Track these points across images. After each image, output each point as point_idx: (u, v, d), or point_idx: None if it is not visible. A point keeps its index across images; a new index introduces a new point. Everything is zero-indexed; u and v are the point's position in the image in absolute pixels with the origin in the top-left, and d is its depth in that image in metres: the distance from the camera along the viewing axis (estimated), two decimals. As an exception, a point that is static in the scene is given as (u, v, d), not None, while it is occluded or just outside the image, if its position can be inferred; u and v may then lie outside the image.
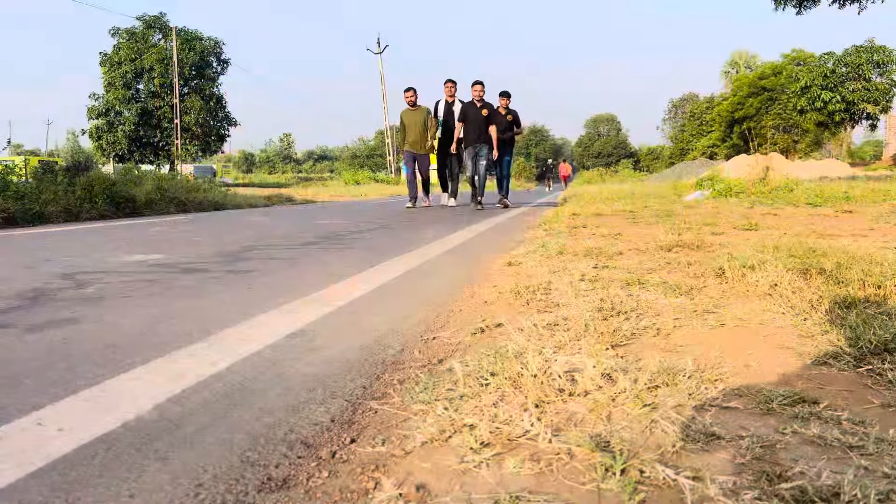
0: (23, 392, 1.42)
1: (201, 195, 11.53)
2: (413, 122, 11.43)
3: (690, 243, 3.64)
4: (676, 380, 1.34)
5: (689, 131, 64.72)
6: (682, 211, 7.46)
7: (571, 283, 2.53)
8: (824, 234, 4.26)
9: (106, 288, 2.77)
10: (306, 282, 2.97)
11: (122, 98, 37.29)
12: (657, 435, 1.12)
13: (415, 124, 11.40)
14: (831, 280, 2.29)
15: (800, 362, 1.49)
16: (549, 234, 4.88)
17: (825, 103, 38.88)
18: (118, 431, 1.21)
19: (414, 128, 11.43)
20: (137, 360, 1.67)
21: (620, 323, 1.87)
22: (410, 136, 11.42)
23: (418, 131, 11.35)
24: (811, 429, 1.11)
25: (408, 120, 11.49)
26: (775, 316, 1.94)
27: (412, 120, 11.44)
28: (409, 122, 11.49)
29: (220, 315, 2.23)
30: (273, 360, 1.69)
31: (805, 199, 8.70)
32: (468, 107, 10.72)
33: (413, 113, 11.43)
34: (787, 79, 43.58)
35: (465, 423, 1.18)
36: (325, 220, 7.38)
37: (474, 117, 10.65)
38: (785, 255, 2.80)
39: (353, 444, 1.18)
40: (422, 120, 11.36)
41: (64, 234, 5.71)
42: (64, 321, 2.13)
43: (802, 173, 18.46)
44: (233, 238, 5.18)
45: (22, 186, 8.25)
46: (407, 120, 11.50)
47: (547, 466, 1.03)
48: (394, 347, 1.86)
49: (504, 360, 1.49)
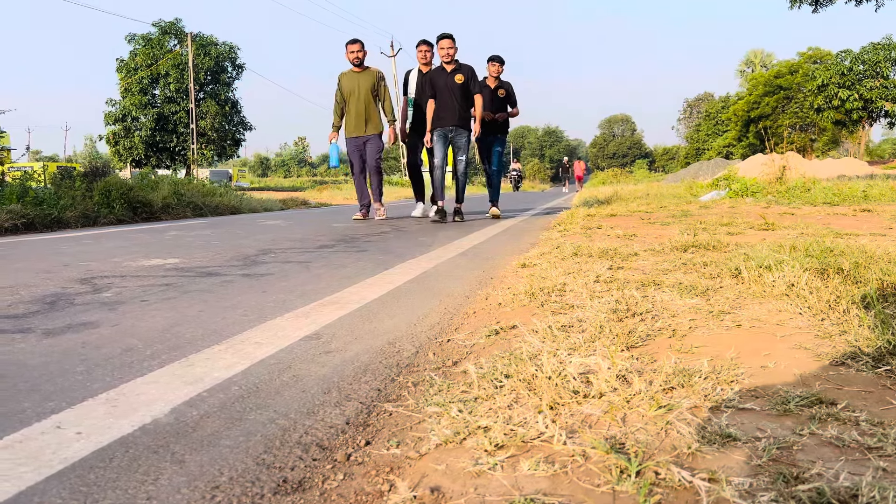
0: (42, 396, 1.44)
1: (217, 199, 11.58)
2: (355, 90, 7.75)
3: (706, 244, 3.62)
4: (692, 381, 1.34)
5: (705, 131, 64.37)
6: (697, 211, 7.42)
7: (586, 284, 2.52)
8: (842, 233, 4.22)
9: (123, 292, 2.80)
10: (321, 285, 2.98)
11: (139, 104, 37.61)
12: (673, 437, 1.11)
13: (358, 93, 7.74)
14: (849, 280, 2.27)
15: (817, 363, 1.48)
16: (563, 235, 4.87)
17: (842, 101, 38.47)
18: (135, 434, 1.22)
19: (356, 98, 7.75)
20: (154, 364, 1.68)
21: (636, 324, 1.86)
22: (352, 109, 7.78)
23: (363, 104, 7.75)
24: (829, 430, 1.10)
25: (348, 86, 7.78)
26: (792, 316, 1.92)
27: (354, 86, 7.75)
28: (349, 90, 7.78)
29: (236, 318, 2.25)
30: (288, 363, 1.70)
31: (822, 198, 8.63)
32: (435, 74, 7.42)
33: (356, 76, 7.76)
34: (803, 77, 43.22)
35: (479, 426, 1.18)
36: (339, 224, 7.40)
37: (444, 87, 7.34)
38: (802, 255, 2.78)
39: (367, 447, 1.19)
40: (368, 86, 7.74)
41: (82, 239, 5.76)
42: (82, 325, 2.15)
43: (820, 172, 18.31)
44: (248, 242, 5.21)
45: (41, 192, 8.34)
46: (346, 85, 7.79)
47: (562, 468, 1.02)
48: (408, 350, 1.86)
49: (518, 362, 1.49)
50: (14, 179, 9.47)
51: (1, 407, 1.37)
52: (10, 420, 1.29)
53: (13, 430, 1.24)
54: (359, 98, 7.77)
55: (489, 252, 4.38)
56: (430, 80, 7.47)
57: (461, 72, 7.40)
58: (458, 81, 7.38)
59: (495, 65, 8.38)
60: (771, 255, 2.75)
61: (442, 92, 7.42)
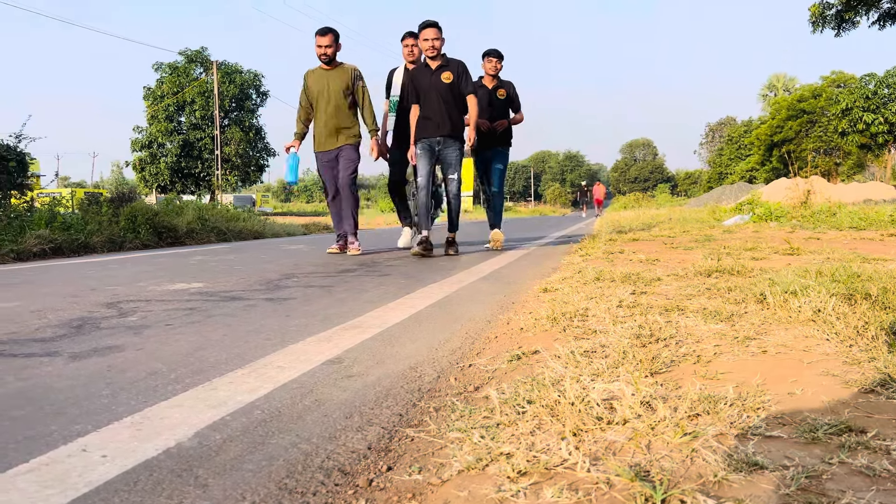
0: (68, 419, 1.45)
1: (241, 224, 11.70)
2: (324, 92, 6.29)
3: (730, 268, 3.59)
4: (717, 408, 1.32)
5: (728, 155, 64.05)
6: (721, 236, 7.36)
7: (609, 309, 2.51)
8: (869, 258, 4.16)
9: (148, 316, 2.83)
10: (343, 309, 2.99)
11: (165, 130, 38.24)
12: (698, 464, 1.09)
13: (328, 95, 6.27)
14: (877, 305, 2.24)
15: (846, 390, 1.46)
16: (585, 259, 4.85)
17: (867, 125, 38.13)
18: (159, 458, 1.22)
19: (326, 102, 6.29)
20: (178, 388, 1.70)
21: (659, 350, 1.85)
22: (321, 117, 6.34)
23: (334, 109, 6.27)
24: (859, 459, 1.08)
25: (315, 87, 6.34)
26: (819, 342, 1.89)
27: (323, 87, 6.30)
28: (316, 92, 6.33)
29: (260, 342, 2.26)
30: (310, 387, 1.71)
31: (849, 222, 8.52)
32: (417, 73, 6.14)
33: (326, 75, 6.30)
34: (826, 101, 42.96)
35: (501, 452, 1.17)
36: (374, 248, 7.44)
37: (429, 88, 6.01)
38: (828, 280, 2.74)
39: (389, 472, 1.18)
40: (340, 88, 6.26)
41: (108, 264, 5.84)
42: (108, 349, 2.18)
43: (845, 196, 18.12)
44: (272, 266, 5.25)
45: (68, 217, 8.48)
46: (314, 87, 6.35)
47: (585, 496, 1.01)
48: (430, 374, 1.86)
49: (541, 388, 1.48)
50: (43, 205, 9.64)
51: (28, 430, 1.39)
52: (37, 443, 1.30)
53: (40, 452, 1.25)
54: (329, 102, 6.27)
55: (511, 276, 4.37)
56: (411, 81, 6.16)
57: (449, 68, 6.04)
58: (446, 80, 6.01)
59: (492, 61, 6.89)
60: (796, 280, 2.71)
61: (427, 94, 6.05)
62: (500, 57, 6.96)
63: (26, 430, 1.39)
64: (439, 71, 6.05)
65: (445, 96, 6.02)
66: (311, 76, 6.42)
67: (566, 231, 12.81)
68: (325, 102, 6.32)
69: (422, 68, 6.17)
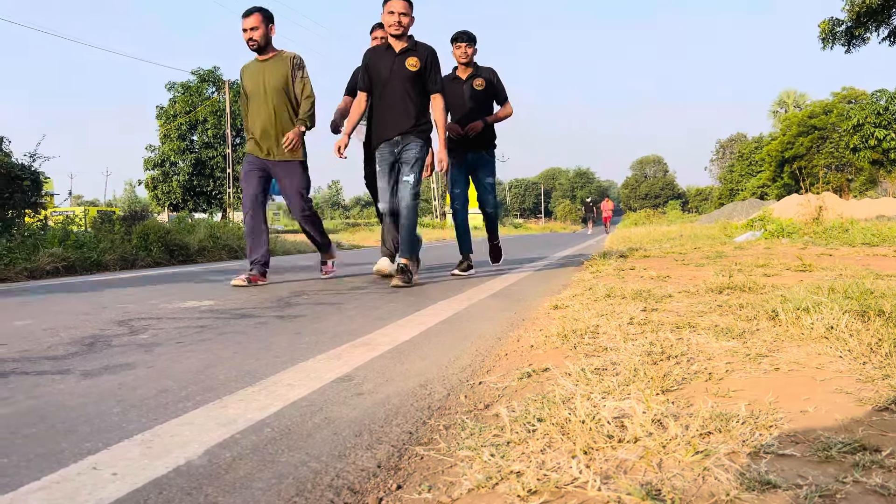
0: (79, 437, 1.46)
1: (252, 242, 11.73)
2: (259, 88, 5.17)
3: (742, 285, 3.57)
4: (729, 426, 1.31)
5: (739, 171, 63.97)
6: (732, 252, 7.33)
7: (620, 326, 2.50)
8: (882, 274, 4.13)
9: (160, 334, 2.84)
10: (353, 326, 2.99)
11: (177, 149, 38.56)
12: (710, 483, 1.08)
13: (263, 92, 5.16)
14: (891, 322, 2.21)
15: (860, 408, 1.44)
16: (595, 276, 4.84)
17: (879, 141, 37.95)
18: (170, 476, 1.22)
19: (261, 100, 5.18)
20: (189, 405, 1.70)
21: (671, 367, 1.83)
22: (255, 120, 5.20)
23: (271, 109, 5.15)
24: (873, 478, 1.06)
25: (250, 83, 5.23)
26: (832, 360, 1.88)
27: (258, 82, 5.17)
28: (252, 89, 5.22)
29: (270, 360, 2.26)
30: (320, 405, 1.71)
31: (861, 238, 8.47)
32: (375, 55, 5.01)
33: (261, 67, 5.19)
34: (838, 117, 42.88)
35: (512, 470, 1.17)
36: (371, 265, 7.46)
37: (390, 76, 4.94)
38: (841, 297, 2.72)
39: (399, 491, 1.18)
40: (279, 82, 5.13)
41: (120, 282, 5.88)
42: (119, 367, 2.19)
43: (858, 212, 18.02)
44: (282, 284, 5.27)
45: (81, 236, 8.56)
46: (249, 83, 5.24)
47: (596, 515, 1.01)
48: (439, 392, 1.86)
49: (551, 406, 1.47)
50: (56, 223, 9.73)
51: (40, 447, 1.39)
52: (48, 460, 1.31)
53: (51, 470, 1.25)
54: (265, 101, 5.10)
55: (521, 293, 4.37)
56: (366, 64, 5.01)
57: (416, 54, 4.90)
58: (412, 68, 4.88)
59: (461, 46, 5.55)
60: (809, 296, 2.70)
61: (387, 83, 4.93)
62: (470, 40, 5.58)
63: (37, 447, 1.39)
64: (404, 55, 4.91)
65: (409, 87, 4.87)
66: (245, 71, 5.27)
67: (575, 249, 12.79)
68: (260, 101, 5.16)
69: (381, 50, 4.99)
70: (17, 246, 7.42)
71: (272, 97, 5.14)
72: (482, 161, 5.78)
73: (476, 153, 5.75)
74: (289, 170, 5.26)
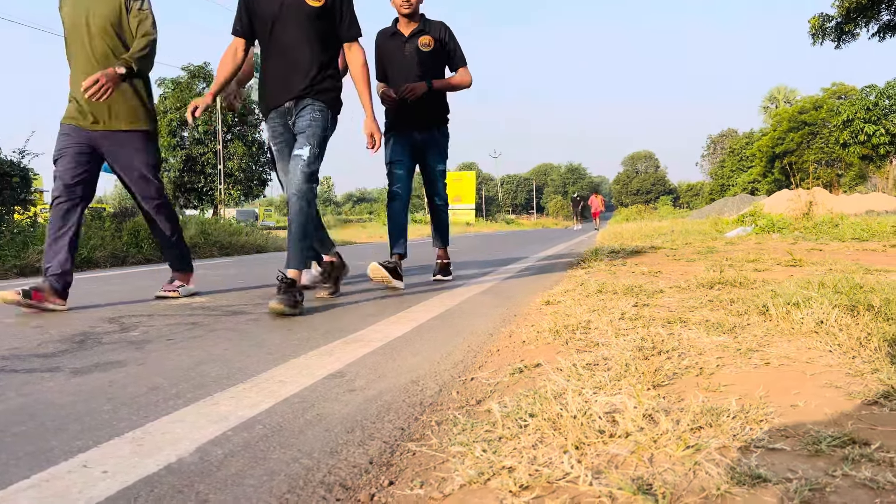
0: (69, 435, 1.45)
1: (243, 239, 11.73)
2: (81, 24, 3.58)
3: (733, 280, 3.58)
4: (720, 420, 1.31)
5: (729, 167, 64.21)
6: (723, 247, 7.36)
7: (611, 321, 2.50)
8: (872, 269, 4.15)
9: (150, 331, 2.83)
10: (345, 322, 2.99)
11: (168, 145, 38.34)
12: (701, 477, 1.09)
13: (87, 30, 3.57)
14: (880, 316, 2.23)
15: (849, 402, 1.45)
16: (587, 272, 4.84)
17: (869, 136, 38.18)
18: (160, 474, 1.22)
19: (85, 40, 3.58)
20: (180, 403, 1.69)
21: (662, 362, 1.84)
22: (76, 66, 3.62)
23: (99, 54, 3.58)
24: (863, 471, 1.07)
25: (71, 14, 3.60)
26: (822, 354, 1.89)
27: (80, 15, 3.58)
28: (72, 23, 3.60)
29: (261, 357, 2.26)
30: (312, 402, 1.70)
31: (851, 233, 8.52)
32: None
33: None
34: (828, 112, 43.11)
35: (503, 466, 1.17)
36: (362, 261, 7.45)
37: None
38: (831, 292, 2.73)
39: (391, 487, 1.18)
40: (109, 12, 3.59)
41: (111, 279, 5.85)
42: (109, 364, 2.18)
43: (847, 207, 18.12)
44: (274, 280, 5.25)
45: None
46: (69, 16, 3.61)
47: (588, 510, 1.01)
48: (431, 388, 1.86)
49: (543, 401, 1.48)
50: (46, 220, 9.67)
51: (29, 445, 1.38)
52: (38, 459, 1.30)
53: (40, 468, 1.25)
54: (89, 42, 3.60)
55: (512, 290, 4.37)
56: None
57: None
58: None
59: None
60: (799, 291, 2.71)
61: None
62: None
63: (27, 445, 1.38)
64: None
65: (308, 31, 3.50)
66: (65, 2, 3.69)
67: (566, 245, 12.81)
68: (83, 44, 3.61)
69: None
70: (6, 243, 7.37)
71: (98, 37, 3.60)
72: (432, 141, 4.61)
73: (425, 133, 4.58)
74: (126, 142, 3.72)
